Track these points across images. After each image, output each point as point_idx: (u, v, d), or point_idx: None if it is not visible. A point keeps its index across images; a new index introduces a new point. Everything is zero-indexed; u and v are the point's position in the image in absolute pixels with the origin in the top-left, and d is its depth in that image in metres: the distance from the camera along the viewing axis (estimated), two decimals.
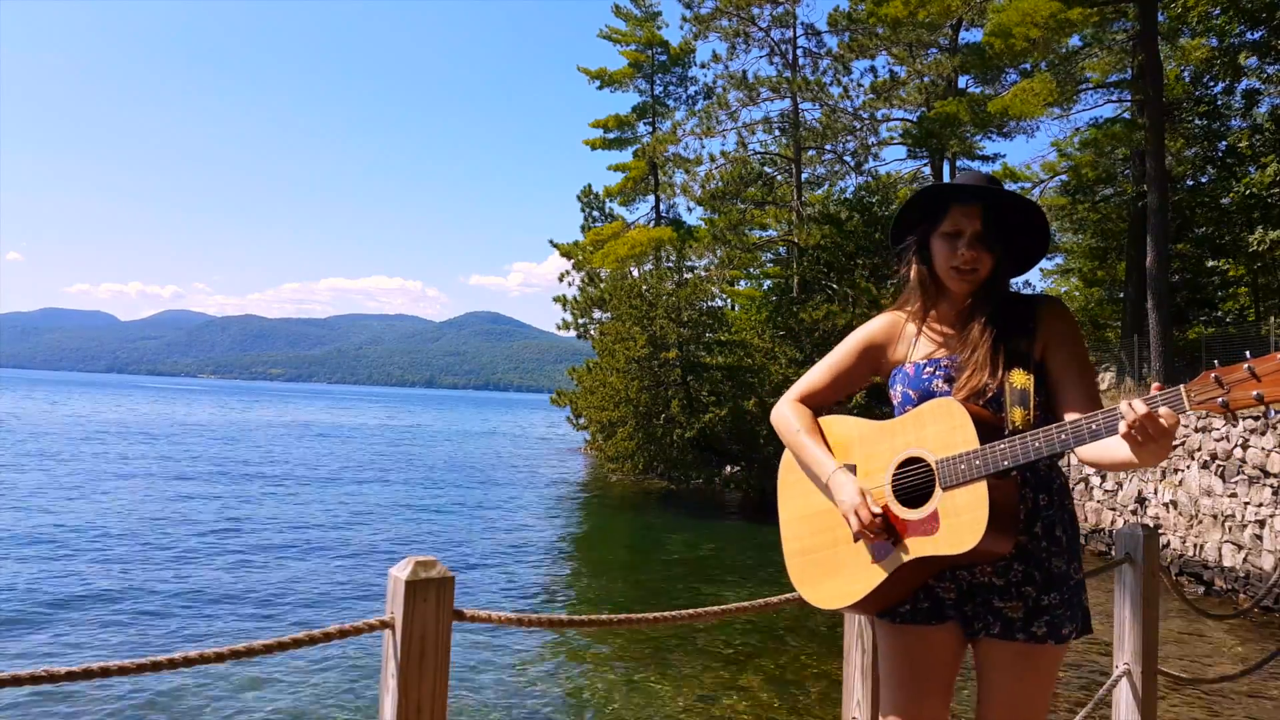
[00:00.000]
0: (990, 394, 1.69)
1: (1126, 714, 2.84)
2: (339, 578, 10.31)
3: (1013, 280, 1.88)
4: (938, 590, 1.75)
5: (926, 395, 1.74)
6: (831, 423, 1.86)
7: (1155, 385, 1.46)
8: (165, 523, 13.30)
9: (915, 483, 1.67)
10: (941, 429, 1.65)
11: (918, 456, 1.67)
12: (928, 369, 1.78)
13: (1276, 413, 1.43)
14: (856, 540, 1.73)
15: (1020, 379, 1.69)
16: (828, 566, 1.78)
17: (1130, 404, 1.44)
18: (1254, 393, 1.37)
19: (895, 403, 1.82)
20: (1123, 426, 1.44)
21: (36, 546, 11.03)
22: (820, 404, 1.91)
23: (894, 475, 1.70)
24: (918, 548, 1.63)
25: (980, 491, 1.57)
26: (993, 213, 1.74)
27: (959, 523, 1.58)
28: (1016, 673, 1.68)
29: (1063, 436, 1.53)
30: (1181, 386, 1.43)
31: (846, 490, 1.69)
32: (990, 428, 1.64)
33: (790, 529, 1.87)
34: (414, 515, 15.78)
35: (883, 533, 1.66)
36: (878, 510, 1.66)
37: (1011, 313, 1.75)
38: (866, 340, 1.90)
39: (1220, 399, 1.39)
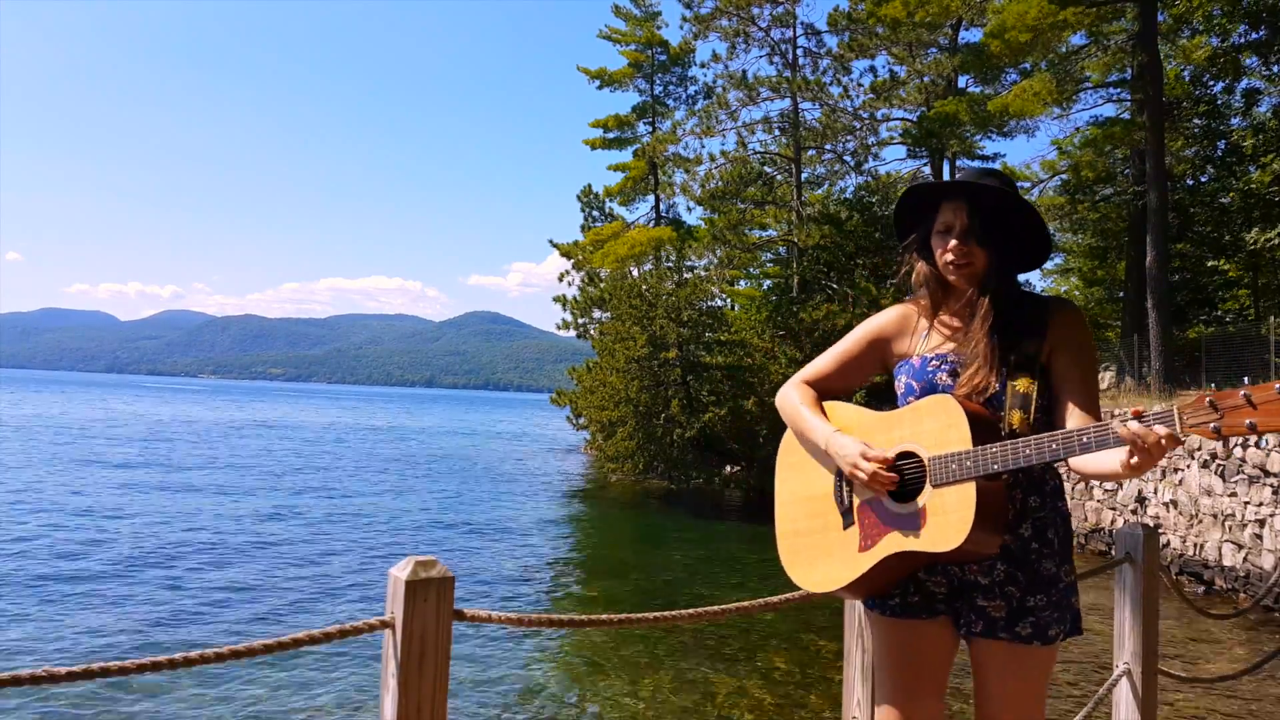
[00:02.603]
0: (991, 392, 1.69)
1: (1126, 713, 2.84)
2: (339, 578, 10.31)
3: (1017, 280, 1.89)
4: (929, 584, 1.76)
5: (930, 388, 1.75)
6: (833, 408, 1.87)
7: (1137, 409, 1.48)
8: (162, 522, 13.30)
9: (908, 476, 1.67)
10: (937, 425, 1.65)
11: (912, 451, 1.68)
12: (933, 362, 1.78)
13: (1266, 439, 1.45)
14: (847, 525, 1.74)
15: (1024, 383, 1.69)
16: (817, 550, 1.80)
17: (1130, 426, 1.45)
18: (1247, 421, 1.37)
19: (899, 394, 1.83)
20: (1123, 451, 1.46)
21: (35, 545, 11.03)
22: (825, 390, 1.91)
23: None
24: (903, 542, 1.64)
25: (968, 492, 1.58)
26: (980, 207, 1.74)
27: (945, 521, 1.59)
28: (1006, 673, 1.69)
29: (1054, 446, 1.54)
30: (1175, 408, 1.44)
31: (849, 445, 1.70)
32: (986, 427, 1.65)
33: (785, 510, 1.89)
34: (414, 515, 15.78)
35: (894, 483, 1.65)
36: (887, 455, 1.67)
37: (1022, 313, 1.75)
38: (876, 332, 1.90)
39: (1213, 424, 1.40)
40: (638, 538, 15.23)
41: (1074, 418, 1.67)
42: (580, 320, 28.01)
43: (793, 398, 1.88)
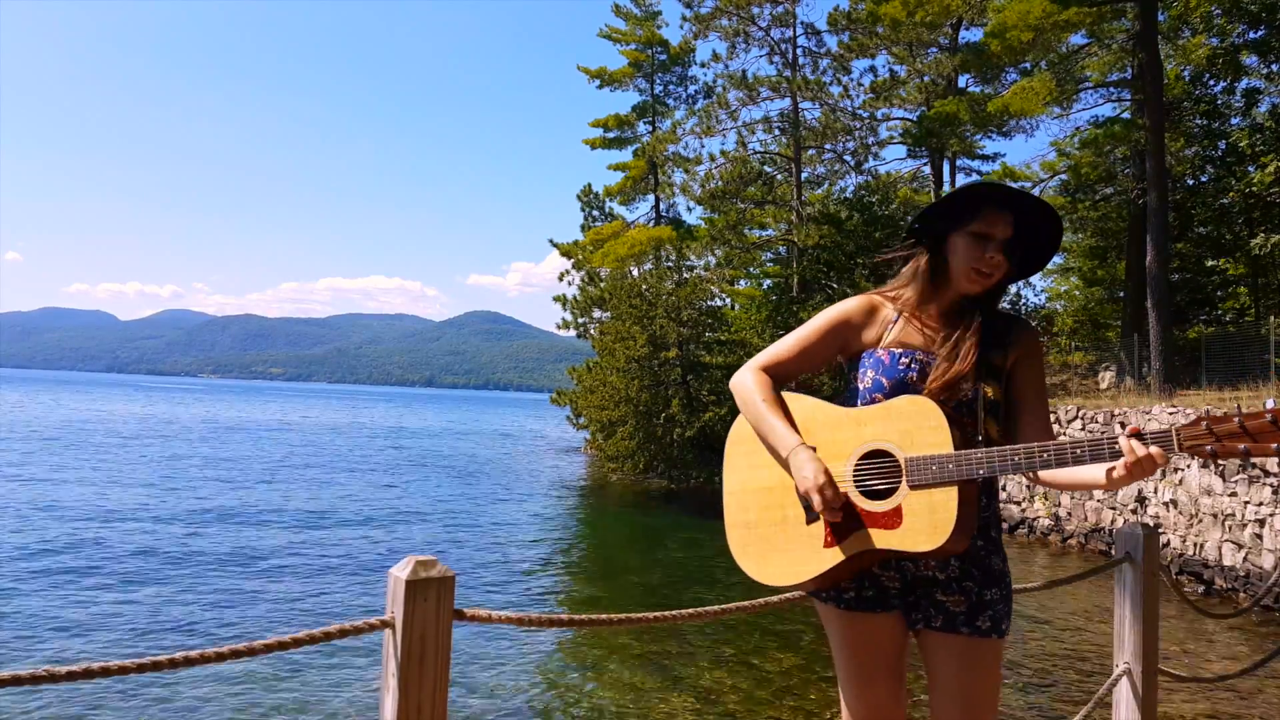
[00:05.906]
0: (965, 396, 1.71)
1: (1126, 713, 2.84)
2: (339, 578, 10.31)
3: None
4: (883, 579, 1.78)
5: (900, 386, 1.74)
6: (793, 400, 1.82)
7: (1133, 427, 1.53)
8: (163, 522, 13.30)
9: (878, 475, 1.67)
10: (913, 426, 1.65)
11: (884, 450, 1.67)
12: (904, 359, 1.77)
13: (1256, 463, 1.53)
14: (811, 520, 1.71)
15: (993, 390, 1.73)
16: (774, 543, 1.77)
17: (1130, 443, 1.50)
18: (1241, 446, 1.44)
19: (863, 387, 1.79)
20: (1122, 468, 1.51)
21: (35, 544, 11.03)
22: (784, 376, 1.88)
23: (856, 465, 1.69)
24: (878, 540, 1.64)
25: (950, 494, 1.60)
26: (1021, 224, 1.77)
27: (925, 522, 1.60)
28: (965, 665, 1.72)
29: (1045, 456, 1.57)
30: (1173, 429, 1.50)
31: (810, 468, 1.65)
32: (964, 433, 1.67)
33: (737, 499, 1.84)
34: (414, 514, 15.78)
35: (841, 515, 1.66)
36: (842, 492, 1.67)
37: (991, 324, 1.79)
38: (841, 318, 1.87)
39: (1209, 447, 1.47)
40: (638, 537, 15.22)
41: (1029, 431, 1.74)
42: (580, 320, 28.05)
43: (753, 391, 1.81)
